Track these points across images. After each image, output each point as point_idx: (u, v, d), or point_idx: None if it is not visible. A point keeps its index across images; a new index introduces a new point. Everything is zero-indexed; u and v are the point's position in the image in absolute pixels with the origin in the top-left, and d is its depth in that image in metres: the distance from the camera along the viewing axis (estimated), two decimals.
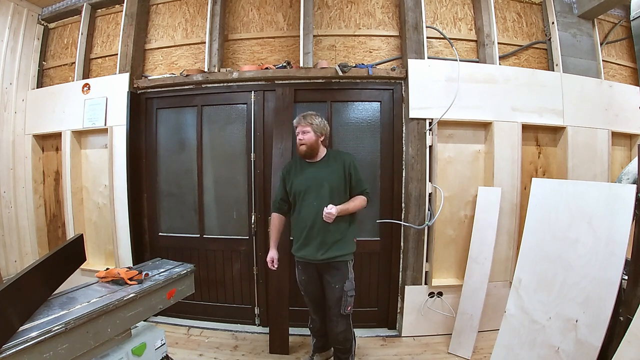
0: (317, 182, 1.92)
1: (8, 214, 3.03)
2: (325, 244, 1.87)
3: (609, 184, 1.62)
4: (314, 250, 1.89)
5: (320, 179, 1.92)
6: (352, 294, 1.90)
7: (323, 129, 1.97)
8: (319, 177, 1.93)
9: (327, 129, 2.01)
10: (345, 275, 1.90)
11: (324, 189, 1.90)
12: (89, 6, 3.03)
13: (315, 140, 1.95)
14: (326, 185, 1.90)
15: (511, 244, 2.50)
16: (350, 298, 1.90)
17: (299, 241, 1.96)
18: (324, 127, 1.98)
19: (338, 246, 1.89)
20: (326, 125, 2.01)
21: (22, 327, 1.17)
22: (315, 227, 1.87)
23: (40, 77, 3.26)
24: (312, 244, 1.90)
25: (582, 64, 2.69)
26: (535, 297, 1.65)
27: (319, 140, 1.96)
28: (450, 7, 2.73)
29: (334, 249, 1.88)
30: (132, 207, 2.72)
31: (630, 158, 2.75)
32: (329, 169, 1.95)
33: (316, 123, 1.95)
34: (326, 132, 2.00)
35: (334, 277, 1.90)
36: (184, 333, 2.60)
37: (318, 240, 1.88)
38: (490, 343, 2.11)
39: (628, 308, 1.34)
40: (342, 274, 1.89)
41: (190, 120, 2.77)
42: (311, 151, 1.95)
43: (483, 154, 2.57)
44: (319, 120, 1.97)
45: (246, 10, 2.81)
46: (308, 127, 1.94)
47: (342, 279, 1.89)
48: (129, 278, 1.61)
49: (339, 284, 1.89)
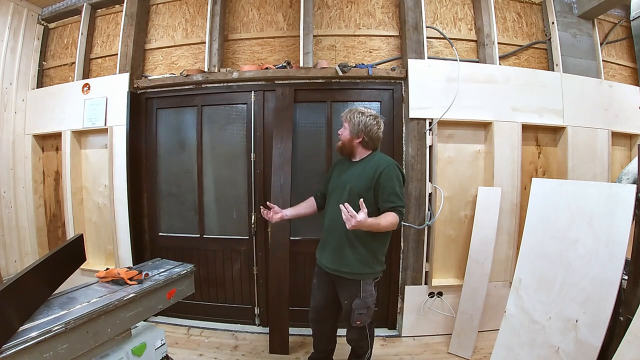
0: (343, 183, 1.77)
1: (8, 214, 3.03)
2: (338, 254, 1.73)
3: (609, 184, 1.62)
4: (327, 256, 1.80)
5: (347, 180, 1.76)
6: (361, 311, 1.71)
7: (362, 130, 1.74)
8: (347, 179, 1.77)
9: (369, 130, 1.74)
10: (355, 294, 1.71)
11: (345, 192, 1.73)
12: (89, 6, 3.03)
13: (349, 140, 1.77)
14: (347, 188, 1.72)
15: (511, 244, 2.50)
16: (359, 315, 1.71)
17: (320, 242, 1.88)
18: (363, 129, 1.74)
19: (350, 262, 1.70)
20: (370, 126, 1.74)
21: (22, 327, 1.17)
22: (332, 232, 1.75)
23: (40, 77, 3.25)
24: (328, 249, 1.80)
25: (582, 64, 2.69)
26: (535, 297, 1.64)
27: (353, 141, 1.77)
28: (450, 7, 2.73)
29: (345, 262, 1.71)
30: (132, 207, 2.72)
31: (630, 158, 2.75)
32: (358, 172, 1.75)
33: (354, 122, 1.74)
34: (368, 135, 1.75)
35: (342, 293, 1.78)
36: (184, 333, 2.60)
37: (332, 246, 1.76)
38: (490, 343, 2.11)
39: (628, 308, 1.34)
40: (351, 292, 1.72)
41: (190, 120, 2.77)
42: (345, 150, 1.81)
43: (483, 154, 2.57)
44: (360, 120, 1.74)
45: (246, 10, 2.81)
46: (346, 124, 1.78)
47: (351, 296, 1.72)
48: (129, 278, 1.60)
49: (347, 300, 1.74)
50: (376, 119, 1.78)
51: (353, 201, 1.60)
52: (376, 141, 1.80)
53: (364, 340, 1.84)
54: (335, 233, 1.74)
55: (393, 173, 1.68)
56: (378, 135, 1.79)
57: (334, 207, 1.68)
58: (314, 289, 1.93)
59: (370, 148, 1.81)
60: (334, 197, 1.80)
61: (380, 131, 1.80)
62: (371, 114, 1.78)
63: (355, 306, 1.70)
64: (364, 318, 1.73)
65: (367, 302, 1.72)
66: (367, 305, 1.72)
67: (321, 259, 1.86)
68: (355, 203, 1.55)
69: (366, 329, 1.81)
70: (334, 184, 1.85)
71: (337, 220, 1.62)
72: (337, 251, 1.75)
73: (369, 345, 1.87)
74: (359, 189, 1.70)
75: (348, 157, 1.86)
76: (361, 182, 1.71)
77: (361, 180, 1.72)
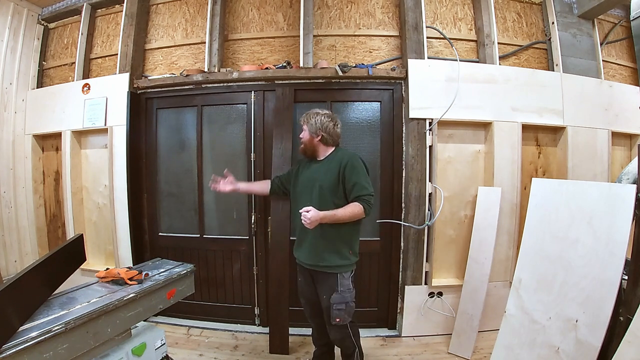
0: (311, 182, 1.84)
1: (8, 214, 3.03)
2: (314, 249, 1.80)
3: (609, 184, 1.62)
4: (304, 253, 1.85)
5: (314, 179, 1.83)
6: (340, 307, 1.73)
7: (319, 128, 1.84)
8: (314, 177, 1.84)
9: (326, 127, 1.84)
10: (333, 288, 1.75)
11: (315, 190, 1.80)
12: (89, 6, 3.03)
13: (309, 140, 1.87)
14: (317, 186, 1.79)
15: (511, 244, 2.50)
16: (338, 311, 1.73)
17: (296, 241, 1.95)
18: (320, 127, 1.84)
19: (326, 255, 1.77)
20: (326, 123, 1.84)
21: (22, 327, 1.17)
22: (306, 230, 1.75)
23: (40, 77, 3.25)
24: (304, 246, 1.86)
25: (582, 64, 2.69)
26: (535, 297, 1.65)
27: (314, 140, 1.86)
28: (450, 7, 2.73)
29: (321, 257, 1.78)
30: (132, 207, 2.72)
31: (630, 158, 2.75)
32: (324, 169, 1.83)
33: (311, 122, 1.85)
34: (326, 132, 1.84)
35: (321, 287, 1.82)
36: (184, 333, 2.60)
37: (307, 243, 1.82)
38: (490, 343, 2.11)
39: (628, 308, 1.35)
40: (329, 286, 1.77)
41: (190, 120, 2.77)
42: (307, 151, 1.89)
43: (483, 154, 2.57)
44: (316, 120, 1.85)
45: (246, 10, 2.81)
46: (305, 126, 1.88)
47: (329, 290, 1.77)
48: (129, 278, 1.60)
49: (325, 295, 1.78)
50: (331, 116, 1.89)
51: (324, 196, 1.77)
52: (335, 137, 1.89)
53: (348, 339, 1.84)
54: (309, 229, 1.72)
55: (355, 164, 1.77)
56: (335, 131, 1.89)
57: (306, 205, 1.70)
58: (301, 286, 1.98)
59: (330, 144, 1.90)
60: (305, 196, 1.85)
61: (337, 127, 1.89)
62: (326, 113, 1.90)
63: (333, 301, 1.74)
64: (342, 315, 1.75)
65: (345, 297, 1.75)
66: (345, 301, 1.75)
67: (299, 256, 1.91)
68: (326, 199, 1.75)
69: (348, 328, 1.82)
70: (302, 184, 1.90)
71: None
72: (312, 246, 1.81)
73: (355, 344, 1.87)
74: (328, 184, 1.78)
75: (313, 158, 1.92)
76: (329, 178, 1.78)
77: (328, 175, 1.79)
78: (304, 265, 1.88)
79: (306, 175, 1.91)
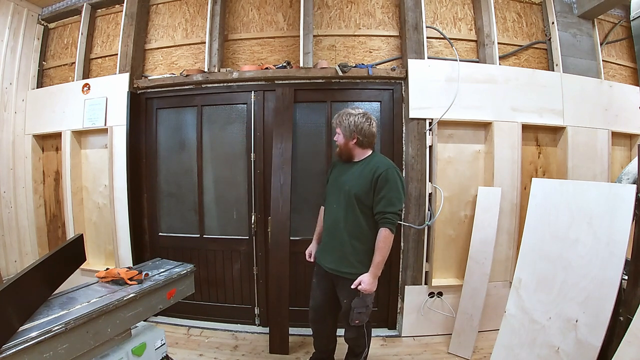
0: (342, 184, 1.77)
1: (8, 214, 3.03)
2: (337, 254, 1.77)
3: (609, 184, 1.62)
4: (327, 256, 1.83)
5: (345, 182, 1.76)
6: (360, 310, 1.71)
7: (354, 131, 1.73)
8: (345, 180, 1.77)
9: (361, 129, 1.73)
10: (354, 293, 1.72)
11: (342, 193, 1.74)
12: (89, 6, 3.03)
13: (344, 144, 1.78)
14: (346, 190, 1.74)
15: (511, 244, 2.50)
16: (359, 314, 1.71)
17: (322, 245, 1.91)
18: (355, 129, 1.73)
19: (349, 262, 1.73)
20: (360, 124, 1.73)
21: (22, 327, 1.17)
22: (332, 232, 1.77)
23: (40, 77, 3.25)
24: (328, 249, 1.83)
25: (582, 64, 2.68)
26: (535, 297, 1.65)
27: (349, 144, 1.77)
28: (450, 7, 2.73)
29: (345, 263, 1.74)
30: (132, 207, 2.72)
31: (630, 158, 2.75)
32: (357, 173, 1.75)
33: (345, 125, 1.74)
34: (361, 134, 1.74)
35: (341, 292, 1.81)
36: (184, 333, 2.60)
37: (332, 247, 1.79)
38: (490, 343, 2.11)
39: (628, 308, 1.35)
40: (349, 292, 1.72)
41: (190, 120, 2.77)
42: (343, 155, 1.82)
43: (483, 154, 2.57)
44: (349, 121, 1.74)
45: (246, 10, 2.81)
46: (338, 129, 1.79)
47: (349, 295, 1.74)
48: (129, 278, 1.60)
49: (346, 299, 1.77)
50: (365, 115, 1.77)
51: (349, 202, 1.71)
52: (371, 138, 1.79)
53: (362, 339, 1.86)
54: (336, 233, 1.77)
55: (390, 177, 1.67)
56: (371, 131, 1.77)
57: (333, 207, 1.77)
58: (314, 287, 1.95)
59: (367, 147, 1.80)
60: (333, 196, 1.82)
61: (372, 127, 1.78)
62: (360, 112, 1.77)
63: (354, 305, 1.71)
64: (362, 317, 1.73)
65: (366, 301, 1.72)
66: (365, 304, 1.72)
67: (321, 259, 1.89)
68: (352, 204, 1.69)
69: (364, 328, 1.83)
70: (333, 184, 1.86)
71: (337, 220, 1.76)
72: (337, 251, 1.77)
73: (366, 344, 1.89)
74: (357, 191, 1.70)
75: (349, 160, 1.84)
76: (360, 183, 1.71)
77: (360, 180, 1.72)
78: (325, 268, 1.85)
79: (339, 176, 1.85)
